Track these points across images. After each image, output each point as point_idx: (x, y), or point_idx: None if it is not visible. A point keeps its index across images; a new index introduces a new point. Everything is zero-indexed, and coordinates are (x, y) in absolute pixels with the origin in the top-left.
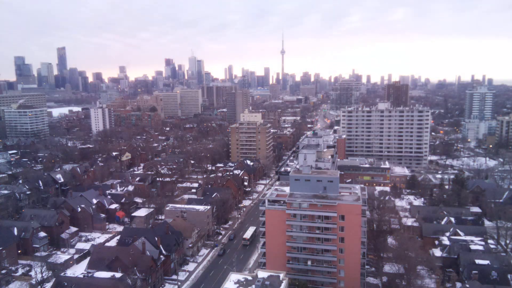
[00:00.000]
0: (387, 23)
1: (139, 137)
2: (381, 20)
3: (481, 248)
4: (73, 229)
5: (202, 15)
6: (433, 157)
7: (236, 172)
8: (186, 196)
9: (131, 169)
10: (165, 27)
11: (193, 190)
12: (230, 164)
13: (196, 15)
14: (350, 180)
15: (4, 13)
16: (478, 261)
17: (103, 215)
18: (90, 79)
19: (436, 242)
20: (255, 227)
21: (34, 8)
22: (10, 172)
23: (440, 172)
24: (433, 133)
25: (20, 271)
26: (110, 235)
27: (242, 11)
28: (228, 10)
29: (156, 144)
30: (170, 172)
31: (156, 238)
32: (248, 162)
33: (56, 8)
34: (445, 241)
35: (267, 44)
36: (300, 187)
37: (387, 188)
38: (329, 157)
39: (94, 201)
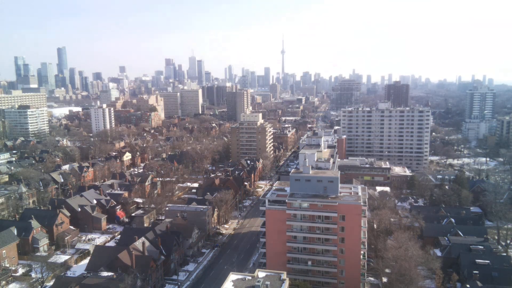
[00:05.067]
0: (388, 22)
1: (139, 137)
2: (382, 19)
3: (481, 248)
4: (73, 229)
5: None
6: (434, 157)
7: (236, 172)
8: (186, 196)
9: (131, 169)
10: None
11: (193, 190)
12: (230, 164)
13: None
14: (350, 180)
15: (4, 13)
16: (478, 261)
17: (103, 215)
18: (90, 79)
19: (437, 243)
20: None
21: (34, 8)
22: (11, 173)
23: (440, 172)
24: (433, 133)
25: (20, 271)
26: (110, 235)
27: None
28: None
29: (156, 144)
30: (170, 172)
31: (156, 238)
32: (249, 162)
33: (57, 8)
34: (446, 241)
35: (267, 43)
36: (300, 187)
37: (388, 188)
38: (330, 157)
39: (94, 201)
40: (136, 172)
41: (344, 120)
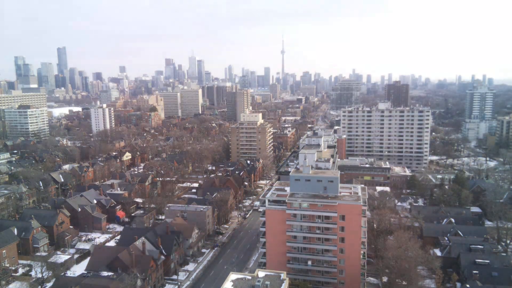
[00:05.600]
0: (388, 22)
1: (139, 137)
2: (381, 19)
3: (481, 248)
4: (73, 229)
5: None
6: (434, 157)
7: (236, 172)
8: (186, 196)
9: (131, 169)
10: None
11: (193, 190)
12: (230, 164)
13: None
14: (350, 180)
15: (4, 13)
16: (478, 261)
17: (103, 215)
18: (90, 79)
19: (437, 242)
20: None
21: (34, 8)
22: (11, 172)
23: (440, 172)
24: (433, 133)
25: (20, 271)
26: (110, 235)
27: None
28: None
29: (156, 144)
30: (170, 172)
31: (156, 238)
32: (249, 162)
33: (57, 8)
34: (446, 241)
35: (267, 43)
36: (300, 187)
37: (388, 188)
38: (330, 157)
39: (94, 201)
40: (136, 172)
41: (344, 120)
